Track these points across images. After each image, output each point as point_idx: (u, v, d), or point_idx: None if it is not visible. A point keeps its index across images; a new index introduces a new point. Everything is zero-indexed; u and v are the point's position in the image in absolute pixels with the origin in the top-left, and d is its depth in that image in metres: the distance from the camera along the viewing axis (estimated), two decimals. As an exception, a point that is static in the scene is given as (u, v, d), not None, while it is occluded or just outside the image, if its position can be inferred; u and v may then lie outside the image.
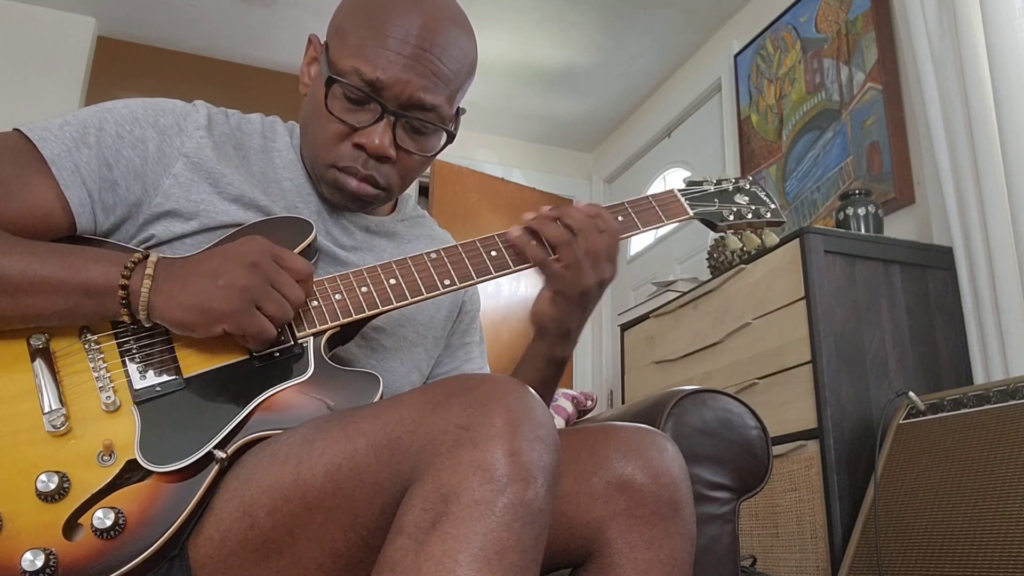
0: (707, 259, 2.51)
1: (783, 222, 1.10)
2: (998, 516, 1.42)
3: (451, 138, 0.96)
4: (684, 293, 2.44)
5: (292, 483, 0.69)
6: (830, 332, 1.86)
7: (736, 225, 1.06)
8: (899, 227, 2.35)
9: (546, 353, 0.97)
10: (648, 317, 2.58)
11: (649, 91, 3.90)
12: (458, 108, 0.97)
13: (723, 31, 3.42)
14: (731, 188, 1.09)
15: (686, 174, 3.70)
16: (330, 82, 0.89)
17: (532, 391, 0.67)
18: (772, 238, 1.10)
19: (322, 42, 0.96)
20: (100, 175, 0.85)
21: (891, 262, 2.00)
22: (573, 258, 0.89)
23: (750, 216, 1.07)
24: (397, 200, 1.08)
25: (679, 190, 1.06)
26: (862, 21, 2.63)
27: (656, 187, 3.93)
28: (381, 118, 0.89)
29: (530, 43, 3.51)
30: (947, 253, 2.06)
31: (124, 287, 0.75)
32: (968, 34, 2.03)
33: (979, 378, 1.92)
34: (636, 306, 2.94)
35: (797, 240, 1.95)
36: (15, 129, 0.85)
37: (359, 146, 0.90)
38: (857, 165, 2.56)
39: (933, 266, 2.05)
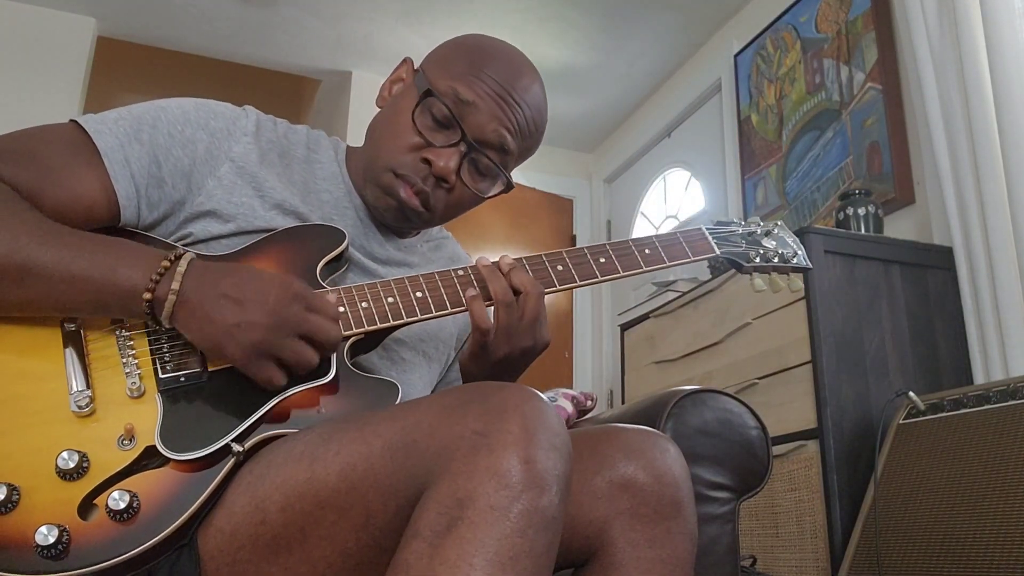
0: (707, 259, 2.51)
1: (809, 268, 1.11)
2: (998, 516, 1.42)
3: (508, 188, 0.99)
4: (684, 293, 2.44)
5: (306, 481, 0.70)
6: (830, 332, 1.86)
7: (762, 268, 1.07)
8: (899, 227, 2.35)
9: None
10: (648, 317, 2.58)
11: (649, 91, 3.90)
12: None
13: (723, 31, 3.42)
14: (759, 231, 1.10)
15: (686, 174, 3.70)
16: (427, 94, 0.92)
17: (547, 400, 0.68)
18: (796, 284, 1.10)
19: (415, 67, 1.00)
20: (149, 171, 0.86)
21: (891, 262, 2.00)
22: (505, 322, 0.88)
23: (776, 260, 1.07)
24: None
25: (707, 228, 1.07)
26: (862, 21, 2.63)
27: (656, 187, 3.93)
28: (457, 144, 0.93)
29: (530, 43, 3.51)
30: (947, 253, 2.06)
31: (149, 300, 0.76)
32: (968, 34, 2.03)
33: (979, 378, 1.92)
34: (636, 306, 2.94)
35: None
36: (71, 120, 0.87)
37: (426, 161, 0.93)
38: (857, 165, 2.55)
39: (933, 266, 2.05)
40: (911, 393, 1.74)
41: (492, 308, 0.90)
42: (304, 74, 3.96)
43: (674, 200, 3.80)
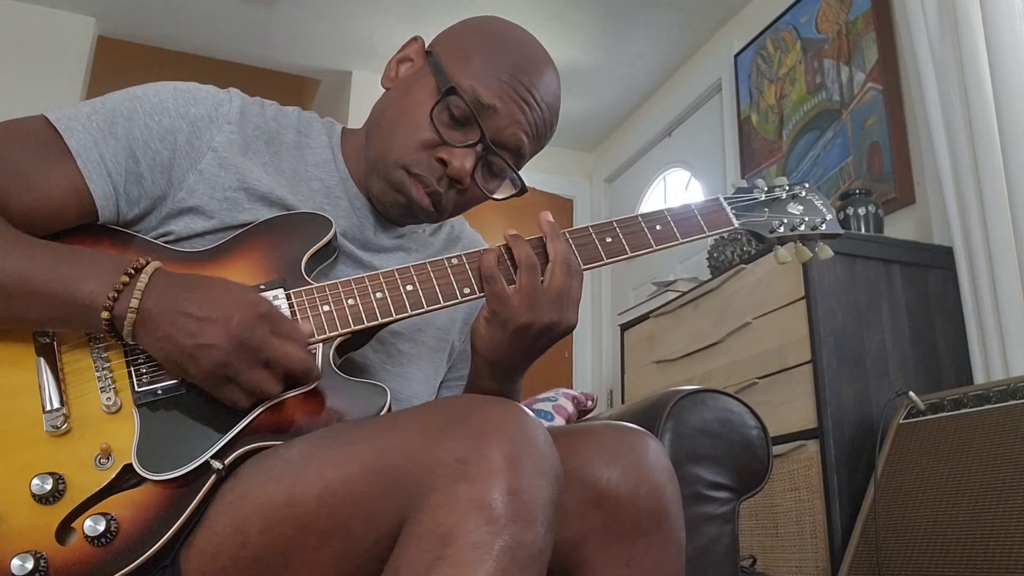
0: (707, 259, 2.51)
1: (841, 234, 1.00)
2: (998, 516, 1.42)
3: (522, 191, 0.94)
4: (684, 293, 2.44)
5: (285, 503, 0.68)
6: (830, 332, 1.86)
7: (787, 238, 0.97)
8: (899, 227, 2.35)
9: (479, 384, 0.90)
10: (648, 317, 2.58)
11: (649, 91, 3.90)
12: None
13: (723, 31, 3.42)
14: (784, 196, 1.00)
15: (686, 174, 3.70)
16: (451, 91, 0.87)
17: (533, 417, 0.65)
18: (827, 252, 0.99)
19: (425, 48, 0.94)
20: (126, 167, 0.82)
21: (891, 262, 2.00)
22: (527, 286, 0.82)
23: (803, 228, 0.97)
24: None
25: (726, 198, 0.97)
26: (862, 21, 2.63)
27: (656, 187, 3.93)
28: (475, 145, 0.88)
29: (530, 43, 3.50)
30: (947, 253, 2.06)
31: (108, 319, 0.72)
32: (968, 34, 2.03)
33: (979, 378, 1.92)
34: (636, 306, 2.94)
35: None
36: (42, 115, 0.82)
37: (441, 161, 0.88)
38: (857, 165, 2.55)
39: (933, 266, 2.05)
40: (911, 393, 1.74)
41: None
42: (304, 74, 3.96)
43: (674, 200, 3.80)
